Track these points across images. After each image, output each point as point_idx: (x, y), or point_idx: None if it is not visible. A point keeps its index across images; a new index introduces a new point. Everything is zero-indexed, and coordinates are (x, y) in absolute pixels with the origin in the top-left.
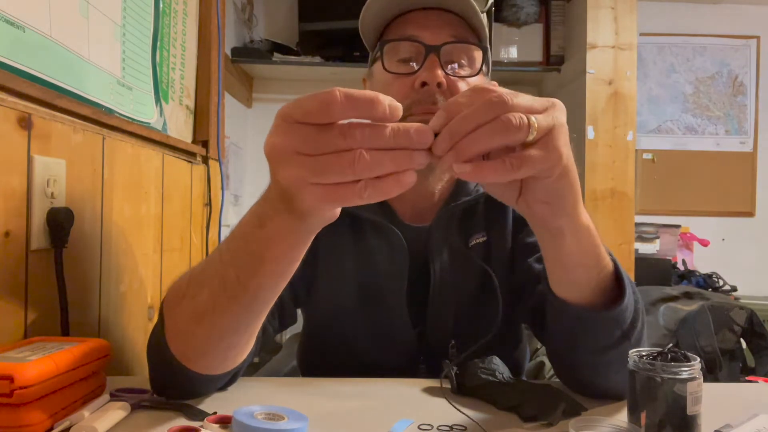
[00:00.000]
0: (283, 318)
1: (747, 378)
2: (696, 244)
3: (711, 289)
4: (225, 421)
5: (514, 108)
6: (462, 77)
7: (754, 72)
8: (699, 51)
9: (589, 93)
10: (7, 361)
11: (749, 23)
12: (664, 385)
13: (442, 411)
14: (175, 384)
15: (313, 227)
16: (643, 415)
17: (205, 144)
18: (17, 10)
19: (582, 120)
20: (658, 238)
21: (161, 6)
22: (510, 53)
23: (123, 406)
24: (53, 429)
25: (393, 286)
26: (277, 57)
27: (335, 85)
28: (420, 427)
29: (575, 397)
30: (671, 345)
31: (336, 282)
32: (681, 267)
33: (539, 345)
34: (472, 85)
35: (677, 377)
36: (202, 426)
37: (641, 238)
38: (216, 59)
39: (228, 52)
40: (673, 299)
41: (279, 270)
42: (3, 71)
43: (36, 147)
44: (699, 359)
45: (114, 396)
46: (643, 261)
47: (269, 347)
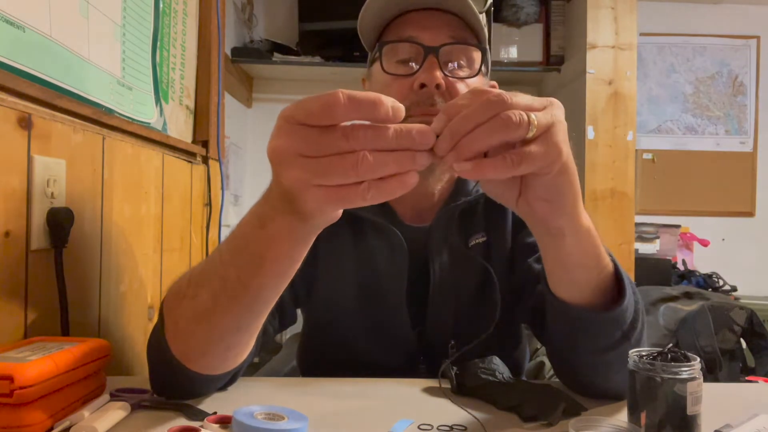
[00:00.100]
0: (283, 318)
1: (747, 378)
2: (696, 244)
3: (711, 289)
4: (225, 421)
5: (513, 106)
6: (461, 78)
7: (754, 72)
8: (699, 51)
9: (589, 93)
10: (7, 361)
11: (749, 23)
12: (664, 385)
13: (442, 411)
14: (175, 384)
15: (315, 228)
16: (643, 415)
17: (205, 144)
18: (17, 10)
19: (582, 120)
20: (658, 238)
21: (161, 6)
22: (510, 53)
23: (123, 406)
24: (53, 429)
25: (393, 286)
26: (277, 57)
27: (335, 86)
28: (420, 427)
29: (575, 397)
30: (671, 345)
31: (336, 282)
32: (681, 267)
33: (539, 345)
34: (471, 87)
35: (677, 377)
36: (202, 426)
37: (641, 238)
38: (216, 59)
39: (228, 52)
40: (673, 299)
41: (280, 270)
42: (3, 71)
43: (36, 147)
44: (699, 359)
45: (114, 396)
46: (643, 261)
47: (269, 347)
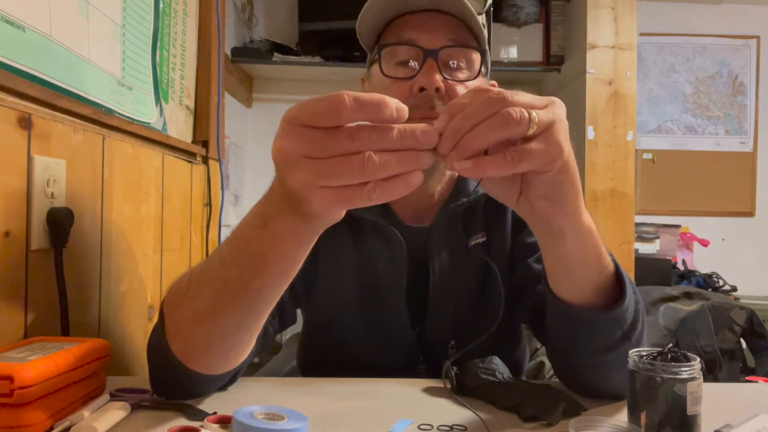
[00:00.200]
0: (283, 318)
1: (747, 378)
2: (696, 244)
3: (711, 289)
4: (225, 421)
5: (514, 104)
6: (461, 81)
7: (754, 72)
8: (699, 51)
9: (589, 93)
10: (7, 361)
11: (749, 23)
12: (664, 385)
13: (442, 411)
14: (176, 384)
15: (318, 228)
16: (643, 415)
17: (205, 144)
18: (17, 10)
19: (582, 120)
20: (658, 238)
21: (161, 6)
22: (510, 53)
23: (123, 406)
24: (53, 429)
25: (393, 286)
26: (277, 57)
27: (335, 85)
28: (420, 427)
29: (575, 397)
30: (671, 345)
31: (336, 282)
32: (681, 267)
33: (539, 345)
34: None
35: (677, 377)
36: (202, 426)
37: (641, 238)
38: (216, 59)
39: (228, 52)
40: (673, 299)
41: (281, 270)
42: (3, 71)
43: (36, 147)
44: (699, 359)
45: (114, 396)
46: (643, 261)
47: (269, 347)
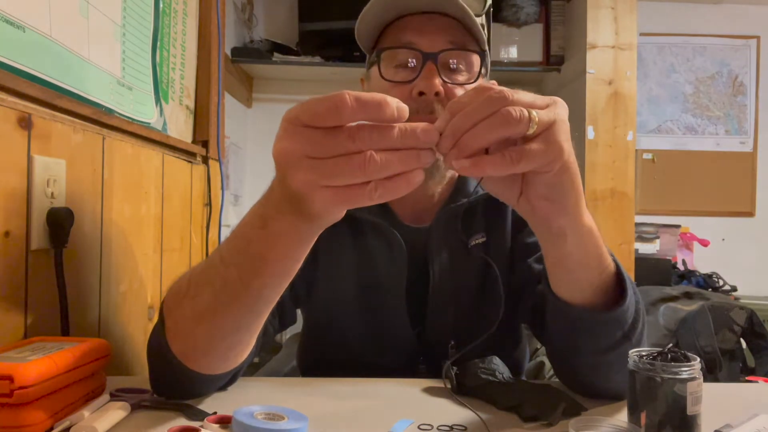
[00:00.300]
0: (283, 318)
1: (747, 378)
2: (696, 244)
3: (711, 289)
4: (225, 421)
5: (514, 103)
6: (460, 84)
7: (754, 72)
8: (699, 51)
9: (589, 93)
10: (7, 361)
11: (749, 23)
12: (664, 385)
13: (442, 411)
14: (176, 384)
15: (319, 228)
16: (643, 415)
17: (205, 144)
18: (17, 10)
19: (582, 120)
20: (658, 238)
21: (161, 6)
22: (510, 53)
23: (123, 406)
24: (53, 429)
25: (392, 286)
26: (277, 57)
27: (335, 85)
28: (420, 427)
29: (575, 397)
30: (671, 345)
31: (336, 282)
32: (681, 267)
33: (539, 345)
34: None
35: (677, 377)
36: (202, 426)
37: (641, 238)
38: (216, 59)
39: (228, 52)
40: (673, 299)
41: (281, 270)
42: (3, 71)
43: (36, 147)
44: (699, 359)
45: (114, 396)
46: (643, 261)
47: (269, 347)
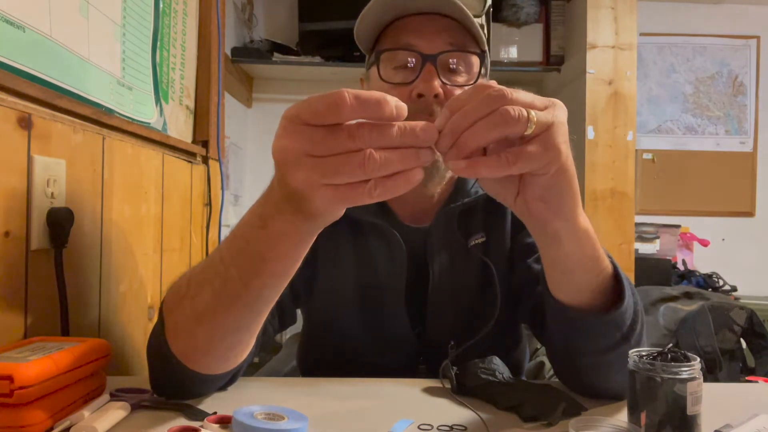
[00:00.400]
0: (283, 318)
1: (747, 378)
2: (696, 244)
3: (711, 289)
4: (225, 421)
5: (513, 102)
6: (459, 86)
7: (754, 72)
8: (699, 51)
9: (589, 93)
10: (7, 361)
11: (749, 23)
12: (664, 385)
13: (442, 411)
14: (176, 384)
15: (318, 227)
16: (643, 415)
17: (205, 144)
18: (17, 10)
19: (582, 120)
20: (658, 238)
21: (161, 6)
22: (510, 53)
23: (123, 406)
24: (53, 429)
25: (392, 286)
26: (277, 57)
27: (335, 85)
28: (420, 427)
29: (575, 397)
30: (671, 345)
31: (335, 283)
32: (681, 267)
33: (539, 345)
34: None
35: (677, 377)
36: (202, 426)
37: (641, 238)
38: (216, 59)
39: (228, 52)
40: (673, 299)
41: (281, 270)
42: (3, 71)
43: (36, 147)
44: (699, 359)
45: (114, 396)
46: (643, 261)
47: (269, 347)
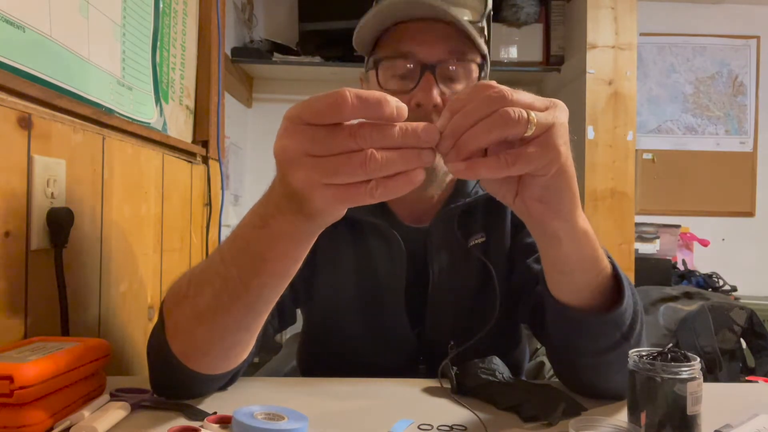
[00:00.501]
0: (283, 318)
1: (747, 378)
2: (696, 244)
3: (711, 289)
4: (225, 421)
5: (513, 103)
6: None
7: (754, 72)
8: (699, 51)
9: (589, 93)
10: (7, 361)
11: (749, 23)
12: (664, 385)
13: (442, 411)
14: (176, 384)
15: (319, 227)
16: (643, 415)
17: (205, 144)
18: (17, 10)
19: (582, 120)
20: (658, 238)
21: (161, 6)
22: (510, 53)
23: (123, 406)
24: (53, 429)
25: (391, 287)
26: (277, 57)
27: (335, 86)
28: (420, 427)
29: (575, 397)
30: (671, 345)
31: (335, 283)
32: (681, 267)
33: (539, 345)
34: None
35: (677, 377)
36: (202, 426)
37: (641, 238)
38: (216, 59)
39: (228, 52)
40: (673, 299)
41: (281, 270)
42: (3, 71)
43: (36, 147)
44: (699, 359)
45: (114, 396)
46: (643, 261)
47: (269, 347)
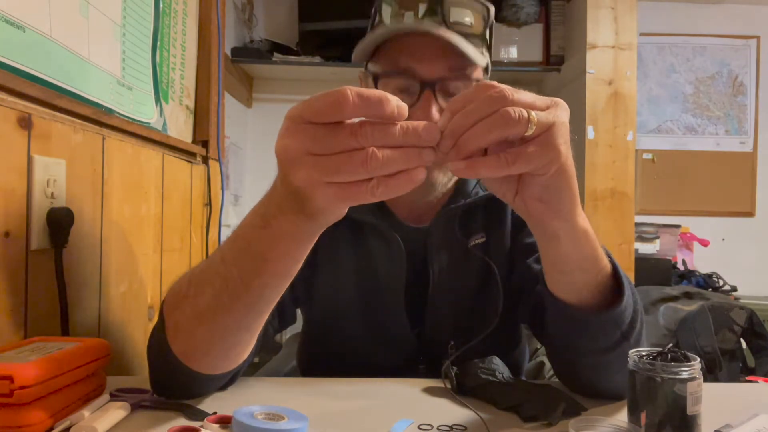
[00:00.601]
0: (283, 318)
1: (747, 378)
2: (696, 244)
3: (711, 289)
4: (225, 421)
5: (514, 103)
6: None
7: (754, 72)
8: (699, 51)
9: (589, 93)
10: (7, 361)
11: (749, 23)
12: (664, 385)
13: (442, 411)
14: (176, 384)
15: (320, 226)
16: (643, 415)
17: (205, 144)
18: (17, 10)
19: (582, 120)
20: (658, 238)
21: (161, 6)
22: (510, 53)
23: (123, 406)
24: (53, 429)
25: (391, 287)
26: (277, 57)
27: (335, 85)
28: (420, 427)
29: (575, 397)
30: (671, 345)
31: (335, 283)
32: (681, 267)
33: (539, 345)
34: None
35: (677, 377)
36: (202, 426)
37: (641, 238)
38: (216, 59)
39: (228, 52)
40: (673, 299)
41: (282, 269)
42: (3, 71)
43: (36, 147)
44: (699, 359)
45: (114, 396)
46: (643, 261)
47: (269, 347)
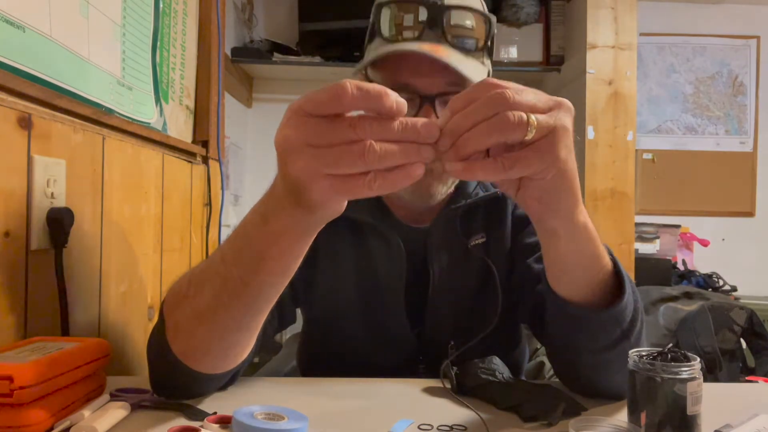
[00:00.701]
0: (283, 318)
1: (747, 378)
2: (696, 244)
3: (711, 289)
4: (225, 421)
5: (514, 106)
6: None
7: (754, 72)
8: (699, 51)
9: (589, 93)
10: (7, 361)
11: (749, 23)
12: (664, 385)
13: (442, 411)
14: (176, 383)
15: (319, 221)
16: (643, 415)
17: (205, 144)
18: (17, 10)
19: (582, 120)
20: (658, 238)
21: (161, 6)
22: (510, 53)
23: (123, 406)
24: (53, 429)
25: (391, 287)
26: (277, 57)
27: None
28: (420, 427)
29: (575, 397)
30: (671, 345)
31: (335, 283)
32: (681, 267)
33: (539, 345)
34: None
35: (677, 377)
36: (202, 426)
37: (641, 238)
38: (216, 59)
39: (228, 52)
40: (673, 299)
41: (281, 267)
42: (3, 71)
43: (36, 147)
44: (699, 359)
45: (114, 396)
46: (643, 261)
47: (269, 347)
